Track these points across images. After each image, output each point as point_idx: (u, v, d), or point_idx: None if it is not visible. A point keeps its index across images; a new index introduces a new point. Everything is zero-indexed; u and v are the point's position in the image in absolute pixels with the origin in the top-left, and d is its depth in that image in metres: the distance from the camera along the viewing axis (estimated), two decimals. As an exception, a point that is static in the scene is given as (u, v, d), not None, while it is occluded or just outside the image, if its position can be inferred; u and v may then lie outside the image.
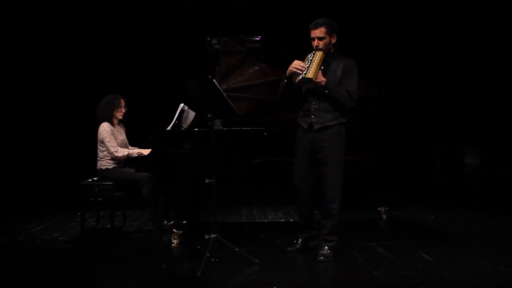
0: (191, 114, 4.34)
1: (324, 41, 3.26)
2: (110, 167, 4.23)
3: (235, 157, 4.03)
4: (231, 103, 3.28)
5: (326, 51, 3.29)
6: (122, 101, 4.34)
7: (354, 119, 4.61)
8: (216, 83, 3.23)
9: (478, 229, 4.22)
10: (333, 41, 3.32)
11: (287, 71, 3.28)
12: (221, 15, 6.71)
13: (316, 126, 3.28)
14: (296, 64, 3.20)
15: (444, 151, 7.25)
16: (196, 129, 4.06)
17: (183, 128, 4.21)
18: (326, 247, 3.30)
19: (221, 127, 4.11)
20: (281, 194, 3.62)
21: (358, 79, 3.33)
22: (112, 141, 4.19)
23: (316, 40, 3.27)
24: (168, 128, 4.11)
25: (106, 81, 6.60)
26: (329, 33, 3.27)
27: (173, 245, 3.76)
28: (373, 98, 4.50)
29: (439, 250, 3.48)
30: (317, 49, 3.25)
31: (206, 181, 3.26)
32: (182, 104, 4.20)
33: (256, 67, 4.34)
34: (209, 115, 3.31)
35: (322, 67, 3.29)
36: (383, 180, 5.99)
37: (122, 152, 4.19)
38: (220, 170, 3.58)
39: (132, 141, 4.52)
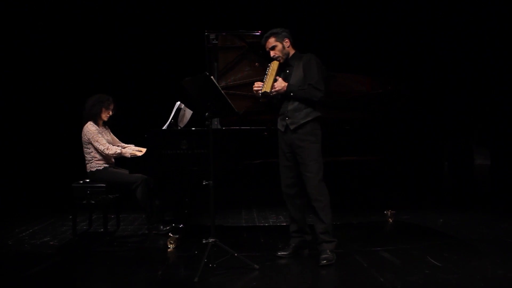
0: (188, 113, 4.34)
1: (277, 48, 3.51)
2: (101, 168, 4.22)
3: (234, 157, 4.03)
4: (229, 101, 3.29)
5: (285, 56, 3.53)
6: (113, 103, 4.33)
7: (359, 118, 4.62)
8: (214, 80, 3.23)
9: (489, 233, 4.22)
10: (286, 44, 3.53)
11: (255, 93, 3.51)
12: (220, 8, 6.71)
13: (291, 127, 3.45)
14: (255, 86, 3.47)
15: (453, 152, 7.24)
16: (193, 129, 4.06)
17: (179, 128, 4.21)
18: (328, 250, 3.33)
19: (219, 126, 4.11)
20: (282, 197, 3.62)
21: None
22: (101, 139, 4.19)
23: (270, 52, 3.53)
24: (163, 128, 4.11)
25: (97, 78, 6.60)
26: (278, 40, 3.51)
27: (169, 250, 3.77)
28: (378, 96, 4.50)
29: (447, 255, 3.49)
30: (273, 58, 3.51)
31: (204, 183, 3.27)
32: (178, 102, 4.20)
33: (257, 64, 4.33)
34: (206, 114, 3.31)
35: (290, 73, 3.50)
36: (389, 182, 5.98)
37: (114, 149, 4.18)
38: (218, 172, 3.59)
39: (126, 142, 4.51)
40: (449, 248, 3.67)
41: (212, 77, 3.21)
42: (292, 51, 3.56)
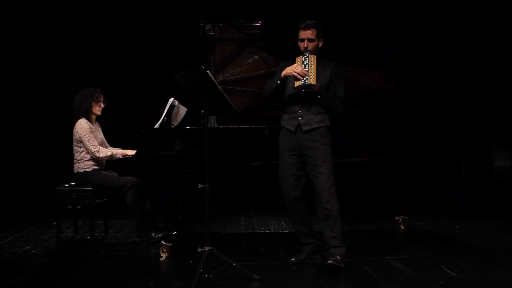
0: (182, 110, 4.34)
1: (313, 43, 3.50)
2: (89, 170, 4.24)
3: (232, 159, 4.04)
4: (227, 97, 3.29)
5: (314, 55, 3.50)
6: (101, 95, 4.36)
7: (368, 115, 4.63)
8: (211, 75, 3.24)
9: (510, 242, 4.22)
10: (320, 45, 3.55)
11: (283, 73, 3.46)
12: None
13: (304, 128, 3.48)
14: (298, 69, 3.37)
15: (471, 153, 7.24)
16: (187, 127, 4.06)
17: (172, 126, 4.22)
18: (337, 255, 3.35)
19: (216, 125, 4.12)
20: (284, 202, 3.63)
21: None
22: (92, 140, 4.20)
23: (306, 41, 3.48)
24: (156, 126, 4.11)
25: (84, 71, 6.60)
26: (318, 36, 3.52)
27: (161, 259, 3.77)
28: (389, 92, 4.50)
29: (464, 265, 3.49)
30: (307, 51, 3.46)
31: (199, 186, 3.27)
32: (171, 99, 4.21)
33: (256, 56, 4.34)
34: (202, 111, 3.31)
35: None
36: (401, 185, 5.99)
37: (104, 152, 4.20)
38: (215, 174, 3.59)
39: (116, 141, 4.52)
40: (466, 258, 3.67)
41: (208, 71, 3.21)
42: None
